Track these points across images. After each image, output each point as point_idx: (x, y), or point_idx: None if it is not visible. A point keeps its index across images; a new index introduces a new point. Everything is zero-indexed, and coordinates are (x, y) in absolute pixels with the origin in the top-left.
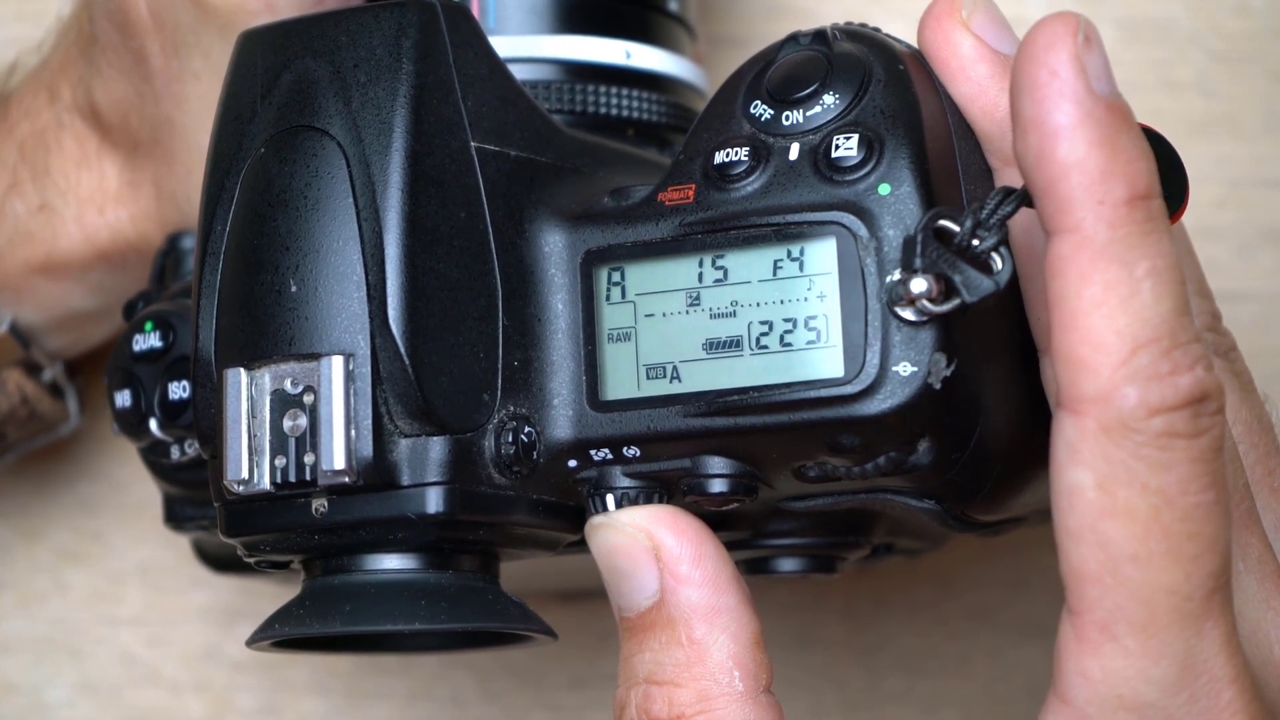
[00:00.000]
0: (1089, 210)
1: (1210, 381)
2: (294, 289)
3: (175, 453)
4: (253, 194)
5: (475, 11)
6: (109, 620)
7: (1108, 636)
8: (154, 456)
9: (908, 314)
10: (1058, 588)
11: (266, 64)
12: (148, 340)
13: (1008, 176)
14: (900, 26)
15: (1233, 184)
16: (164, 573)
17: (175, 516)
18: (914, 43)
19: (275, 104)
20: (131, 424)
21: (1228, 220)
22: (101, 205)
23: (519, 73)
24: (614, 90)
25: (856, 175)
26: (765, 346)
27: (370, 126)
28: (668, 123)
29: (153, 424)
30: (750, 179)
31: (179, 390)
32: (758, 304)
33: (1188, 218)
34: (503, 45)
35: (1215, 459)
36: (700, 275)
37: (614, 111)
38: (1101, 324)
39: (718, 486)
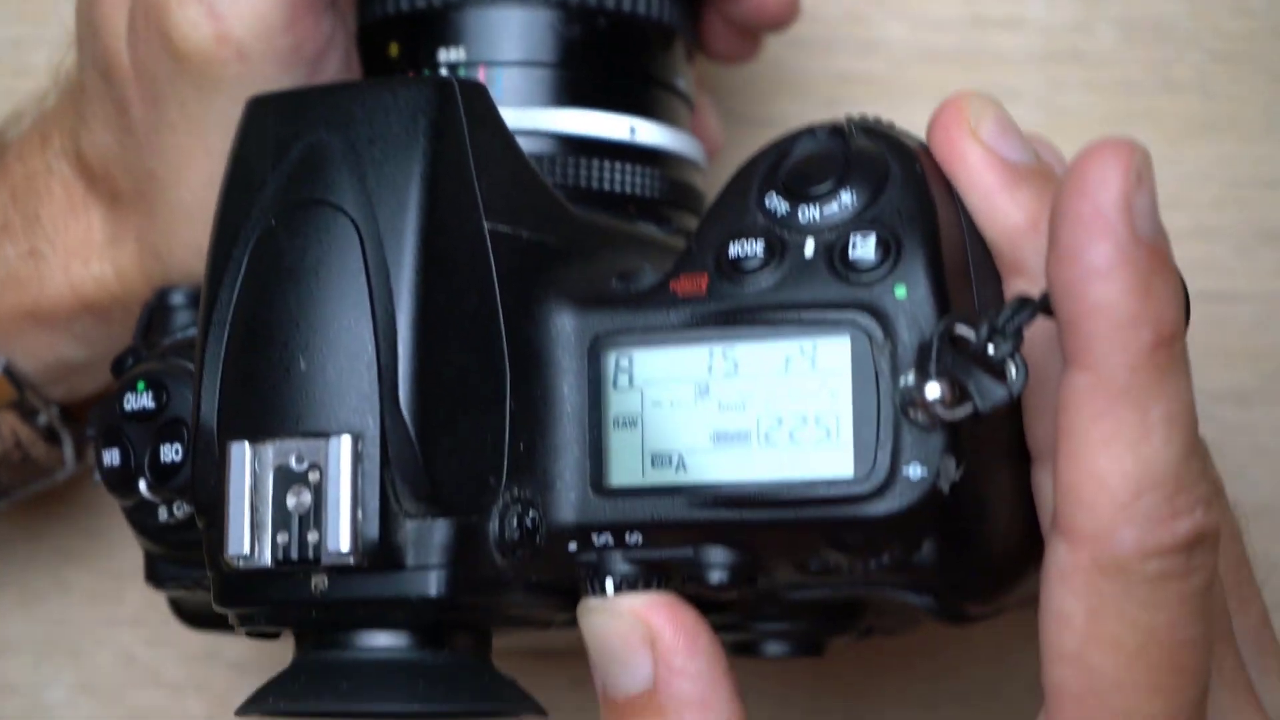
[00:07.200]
0: (1112, 354)
1: (1208, 522)
2: (303, 366)
3: (163, 514)
4: (262, 267)
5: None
6: (109, 620)
7: None
8: (140, 516)
9: (920, 417)
10: None
11: (277, 133)
12: (139, 400)
13: (1014, 282)
14: (899, 27)
15: (1233, 184)
16: None
17: (157, 575)
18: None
19: (286, 174)
20: (119, 483)
21: (1228, 220)
22: (86, 257)
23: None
24: (617, 166)
25: (873, 276)
26: (774, 442)
27: (385, 205)
28: (668, 199)
29: (142, 485)
30: (764, 273)
31: (171, 453)
32: (768, 398)
33: (1187, 217)
34: (504, 117)
35: (1205, 596)
36: (710, 366)
37: (617, 188)
38: (1107, 464)
39: (718, 576)
